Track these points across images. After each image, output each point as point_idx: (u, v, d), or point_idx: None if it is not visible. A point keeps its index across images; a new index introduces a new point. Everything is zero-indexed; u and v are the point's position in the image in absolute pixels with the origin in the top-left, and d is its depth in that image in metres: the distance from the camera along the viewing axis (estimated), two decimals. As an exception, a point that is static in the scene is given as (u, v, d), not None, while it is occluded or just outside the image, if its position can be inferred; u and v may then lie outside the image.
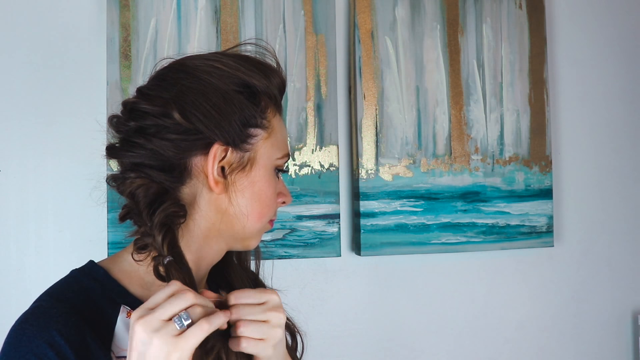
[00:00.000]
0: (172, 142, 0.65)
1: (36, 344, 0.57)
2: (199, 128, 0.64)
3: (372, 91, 1.33)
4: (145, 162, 0.65)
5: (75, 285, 0.66)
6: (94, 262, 0.70)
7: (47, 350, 0.57)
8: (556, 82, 1.53)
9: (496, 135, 1.42)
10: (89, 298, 0.64)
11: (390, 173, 1.34)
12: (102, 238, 1.18)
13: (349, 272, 1.36)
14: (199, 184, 0.67)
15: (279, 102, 0.74)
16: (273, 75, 0.71)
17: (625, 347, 1.55)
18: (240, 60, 0.69)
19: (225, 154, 0.66)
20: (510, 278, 1.47)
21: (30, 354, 0.56)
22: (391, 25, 1.36)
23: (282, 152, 0.72)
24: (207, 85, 0.66)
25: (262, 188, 0.69)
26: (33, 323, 0.59)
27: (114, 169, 1.16)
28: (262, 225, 0.71)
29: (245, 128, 0.67)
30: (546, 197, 1.44)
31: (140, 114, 0.66)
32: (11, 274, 1.16)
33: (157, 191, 0.65)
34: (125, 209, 0.66)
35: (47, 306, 0.62)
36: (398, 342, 1.38)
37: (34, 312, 0.61)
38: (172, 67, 0.70)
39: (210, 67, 0.67)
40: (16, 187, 1.17)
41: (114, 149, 0.69)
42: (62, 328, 0.58)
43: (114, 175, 0.68)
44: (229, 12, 1.26)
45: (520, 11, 1.45)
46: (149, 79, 0.71)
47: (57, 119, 1.19)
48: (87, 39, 1.21)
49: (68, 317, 0.60)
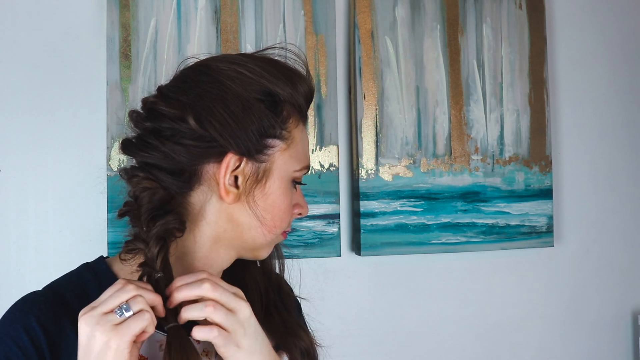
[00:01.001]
0: (185, 147, 0.63)
1: (14, 327, 0.59)
2: (214, 136, 0.63)
3: (372, 91, 1.33)
4: (157, 164, 0.64)
5: (75, 278, 0.67)
6: (102, 257, 0.70)
7: (22, 335, 0.59)
8: (556, 82, 1.53)
9: (496, 135, 1.42)
10: (84, 291, 0.64)
11: (390, 173, 1.34)
12: (102, 238, 1.18)
13: (349, 272, 1.36)
14: (209, 192, 0.65)
15: (304, 111, 0.71)
16: (301, 83, 0.68)
17: (625, 347, 1.56)
18: (268, 66, 0.67)
19: (239, 163, 0.64)
20: (510, 278, 1.47)
21: (7, 337, 0.59)
22: (391, 25, 1.36)
23: (301, 164, 0.69)
24: (228, 91, 0.64)
25: (276, 200, 0.67)
26: (19, 308, 0.62)
27: (114, 169, 1.16)
28: (273, 237, 0.69)
29: (262, 138, 0.65)
30: (546, 197, 1.44)
31: (157, 115, 0.65)
32: (11, 274, 1.16)
33: (162, 198, 0.63)
34: (126, 208, 0.65)
35: (39, 294, 0.64)
36: (398, 342, 1.38)
37: (25, 297, 0.64)
38: (195, 69, 0.68)
39: (234, 72, 0.65)
40: (16, 187, 1.17)
41: (130, 145, 0.67)
42: (42, 316, 0.60)
43: (125, 169, 0.67)
44: (229, 12, 1.26)
45: (520, 11, 1.45)
46: (172, 78, 0.69)
47: (57, 118, 1.19)
48: (87, 39, 1.21)
49: (50, 306, 0.61)
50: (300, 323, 0.79)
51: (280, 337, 0.74)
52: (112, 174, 1.16)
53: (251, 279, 0.78)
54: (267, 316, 0.76)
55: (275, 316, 0.77)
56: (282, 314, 0.78)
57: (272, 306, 0.78)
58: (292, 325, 0.77)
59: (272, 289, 0.79)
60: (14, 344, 0.58)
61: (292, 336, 0.75)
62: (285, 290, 0.82)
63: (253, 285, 0.77)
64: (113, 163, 1.17)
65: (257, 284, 0.78)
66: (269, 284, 0.79)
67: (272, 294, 0.79)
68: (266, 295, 0.78)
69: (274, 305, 0.78)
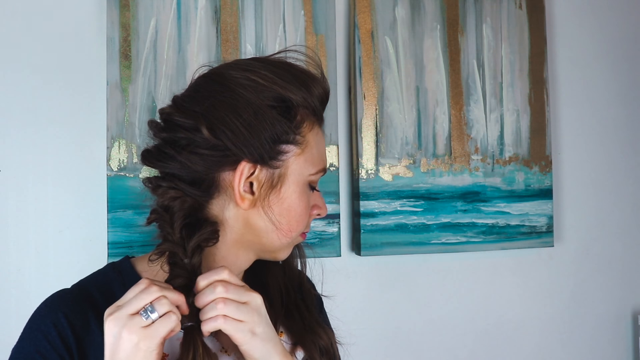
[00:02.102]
0: (201, 156, 0.65)
1: (45, 322, 0.63)
2: (227, 145, 0.64)
3: (372, 91, 1.33)
4: (176, 174, 0.66)
5: (101, 276, 0.71)
6: (127, 257, 0.73)
7: (51, 330, 0.63)
8: (556, 82, 1.53)
9: (496, 135, 1.42)
10: (110, 289, 0.68)
11: (390, 173, 1.34)
12: (102, 238, 1.18)
13: (349, 272, 1.36)
14: (227, 198, 0.67)
15: (319, 113, 0.71)
16: (315, 85, 0.69)
17: (625, 347, 1.56)
18: (280, 71, 0.68)
19: (253, 170, 0.66)
20: (510, 278, 1.47)
21: (38, 331, 0.63)
22: (391, 25, 1.36)
23: (316, 167, 0.70)
24: (240, 100, 0.65)
25: (292, 205, 0.68)
26: (48, 304, 0.66)
27: (114, 169, 1.16)
28: (289, 240, 0.70)
29: (275, 145, 0.66)
30: (546, 197, 1.44)
31: (172, 126, 0.67)
32: (11, 274, 1.16)
33: (192, 205, 0.66)
34: (155, 216, 0.67)
35: (68, 291, 0.68)
36: (398, 341, 1.38)
37: (54, 294, 0.68)
38: (209, 78, 0.69)
39: (246, 80, 0.66)
40: (16, 187, 1.17)
41: (149, 155, 0.69)
42: (69, 312, 0.64)
43: (149, 178, 0.69)
44: (229, 12, 1.26)
45: (520, 11, 1.45)
46: (187, 87, 0.71)
47: (57, 118, 1.19)
48: (87, 39, 1.21)
49: (78, 303, 0.65)
50: (320, 321, 0.81)
51: (300, 335, 0.76)
52: (112, 174, 1.16)
53: (272, 278, 0.80)
54: (287, 314, 0.77)
55: (295, 315, 0.79)
56: (302, 312, 0.79)
57: (293, 305, 0.80)
58: (311, 324, 0.78)
59: (292, 288, 0.81)
60: (43, 338, 0.62)
61: (311, 334, 0.77)
62: (306, 288, 0.83)
63: (274, 284, 0.79)
64: (113, 163, 1.17)
65: (278, 283, 0.80)
66: (289, 283, 0.81)
67: (292, 292, 0.81)
68: (287, 294, 0.80)
69: (295, 304, 0.80)
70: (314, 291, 0.87)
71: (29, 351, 0.62)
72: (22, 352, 0.63)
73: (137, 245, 1.15)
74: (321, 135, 0.72)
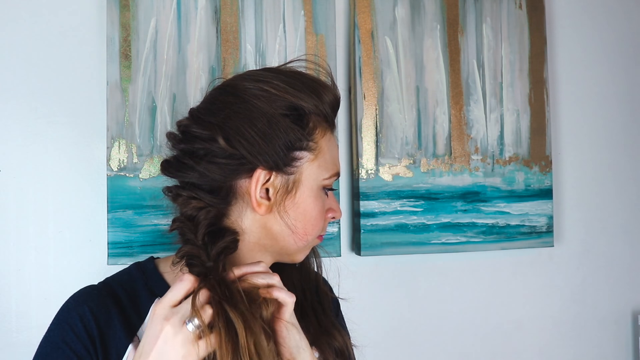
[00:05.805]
0: (218, 165, 0.67)
1: (71, 315, 0.68)
2: (243, 154, 0.67)
3: (372, 91, 1.33)
4: (195, 183, 0.69)
5: (126, 275, 0.75)
6: (152, 257, 0.77)
7: (77, 322, 0.67)
8: (556, 82, 1.53)
9: (496, 135, 1.42)
10: (133, 287, 0.73)
11: (390, 173, 1.34)
12: (102, 238, 1.18)
13: (349, 272, 1.36)
14: (244, 204, 0.70)
15: (331, 119, 0.74)
16: (326, 92, 0.72)
17: (625, 347, 1.56)
18: (292, 80, 0.70)
19: (269, 177, 0.69)
20: (510, 278, 1.47)
21: (65, 322, 0.68)
22: (391, 25, 1.36)
23: (329, 172, 0.73)
24: (254, 110, 0.68)
25: (307, 209, 0.71)
26: (76, 298, 0.71)
27: (114, 169, 1.16)
28: (305, 243, 0.73)
29: (289, 152, 0.69)
30: (546, 197, 1.44)
31: (190, 137, 0.69)
32: (11, 274, 1.16)
33: (216, 215, 0.69)
34: (178, 224, 0.69)
35: (94, 287, 0.72)
36: (398, 342, 1.38)
37: (82, 290, 0.72)
38: (223, 90, 0.72)
39: (259, 90, 0.69)
40: (16, 187, 1.17)
41: (168, 166, 0.72)
42: (94, 307, 0.68)
43: (168, 187, 0.72)
44: (229, 12, 1.26)
45: (520, 11, 1.45)
46: (202, 100, 0.74)
47: (57, 118, 1.19)
48: (87, 39, 1.21)
49: (102, 298, 0.70)
50: (335, 323, 0.83)
51: (315, 336, 0.78)
52: (112, 174, 1.16)
53: (289, 280, 0.82)
54: (303, 316, 0.79)
55: (311, 316, 0.81)
56: (317, 313, 0.82)
57: (309, 306, 0.82)
58: (326, 325, 0.81)
59: (309, 290, 0.84)
60: (70, 329, 0.67)
61: (326, 336, 0.79)
62: (322, 290, 0.86)
63: (290, 286, 0.81)
64: (113, 163, 1.17)
65: (294, 285, 0.82)
66: (306, 285, 0.84)
67: (309, 294, 0.83)
68: (303, 295, 0.83)
69: (311, 306, 0.82)
70: (331, 294, 0.89)
71: (55, 340, 0.67)
72: (49, 341, 0.67)
73: (137, 245, 1.15)
74: (333, 140, 0.75)
